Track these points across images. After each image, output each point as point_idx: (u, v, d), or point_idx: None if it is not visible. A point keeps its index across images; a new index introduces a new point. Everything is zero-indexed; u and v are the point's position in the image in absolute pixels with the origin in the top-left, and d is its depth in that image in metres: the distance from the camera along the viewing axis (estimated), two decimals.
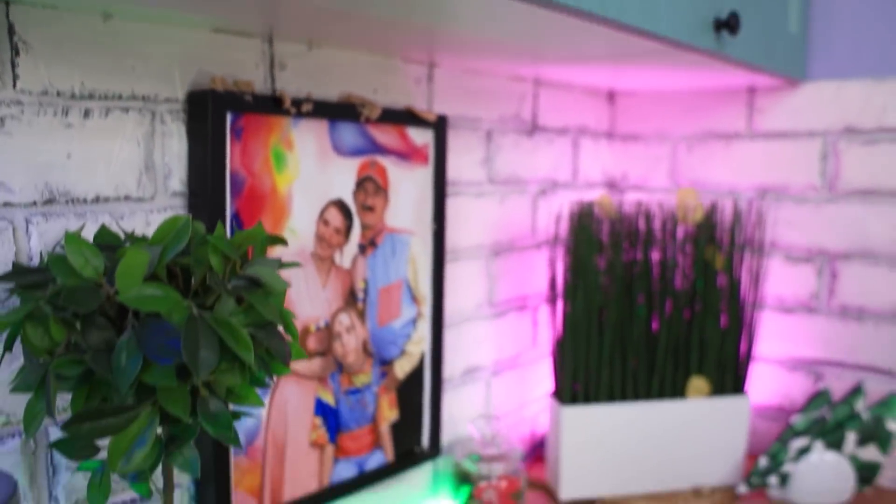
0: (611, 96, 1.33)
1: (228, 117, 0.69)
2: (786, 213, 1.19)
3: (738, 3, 0.87)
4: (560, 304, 1.04)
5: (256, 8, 0.59)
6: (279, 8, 0.58)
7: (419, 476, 1.00)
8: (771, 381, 1.23)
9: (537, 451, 1.25)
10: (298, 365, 0.79)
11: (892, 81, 1.09)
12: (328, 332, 0.82)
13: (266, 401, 0.76)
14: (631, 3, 0.66)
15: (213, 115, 0.67)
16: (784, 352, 1.21)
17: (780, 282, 1.21)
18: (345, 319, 0.84)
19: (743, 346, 1.10)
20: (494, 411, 1.14)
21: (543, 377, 1.25)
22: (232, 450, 0.73)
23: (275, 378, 0.76)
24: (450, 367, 1.04)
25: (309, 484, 0.83)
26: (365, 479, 0.89)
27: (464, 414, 1.08)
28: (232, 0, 0.56)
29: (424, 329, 0.96)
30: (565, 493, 1.06)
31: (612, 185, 1.35)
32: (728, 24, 0.80)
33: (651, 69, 0.96)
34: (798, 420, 1.12)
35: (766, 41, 0.97)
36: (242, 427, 0.74)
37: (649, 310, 1.04)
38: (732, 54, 0.87)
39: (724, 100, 1.23)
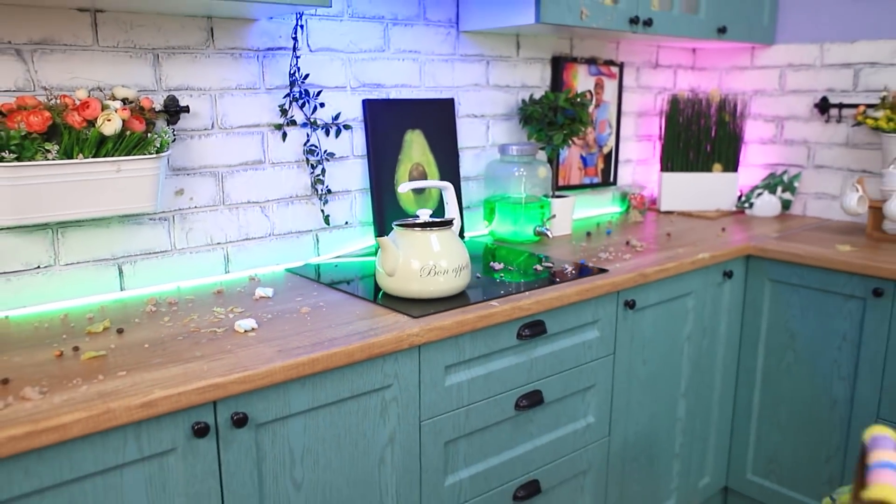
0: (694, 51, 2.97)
1: None
2: (762, 101, 2.81)
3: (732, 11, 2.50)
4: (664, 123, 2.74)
5: None
6: None
7: (608, 192, 2.75)
8: (752, 172, 2.88)
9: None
10: None
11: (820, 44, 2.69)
12: None
13: None
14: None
15: None
16: (760, 161, 2.85)
17: (757, 130, 2.84)
18: None
19: (738, 154, 2.76)
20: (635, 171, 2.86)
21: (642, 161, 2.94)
22: None
23: None
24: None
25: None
26: (586, 186, 2.64)
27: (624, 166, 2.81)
28: None
29: None
30: (664, 206, 2.78)
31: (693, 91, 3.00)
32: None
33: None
34: (759, 183, 2.78)
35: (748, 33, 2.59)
36: None
37: (698, 134, 2.72)
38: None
39: (733, 51, 2.85)
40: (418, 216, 1.63)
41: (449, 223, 1.60)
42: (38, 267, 1.55)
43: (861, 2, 2.51)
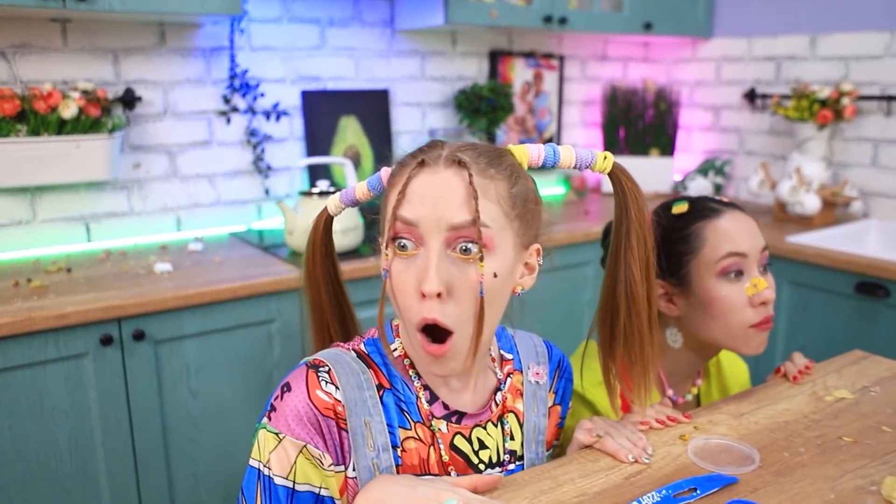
0: (646, 44, 3.20)
1: None
2: (702, 91, 3.02)
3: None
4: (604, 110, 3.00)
5: None
6: None
7: (552, 175, 3.03)
8: (694, 158, 3.10)
9: None
10: None
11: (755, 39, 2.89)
12: None
13: None
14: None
15: None
16: (701, 147, 3.07)
17: (697, 118, 3.06)
18: None
19: (673, 140, 2.99)
20: None
21: None
22: None
23: None
24: None
25: None
26: None
27: None
28: None
29: None
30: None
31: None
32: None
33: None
34: (695, 168, 3.00)
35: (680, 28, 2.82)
36: None
37: (636, 121, 2.97)
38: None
39: (678, 44, 3.07)
40: (317, 186, 1.98)
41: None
42: (20, 222, 1.98)
43: None
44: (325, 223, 0.96)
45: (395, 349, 0.90)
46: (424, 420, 0.87)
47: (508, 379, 0.95)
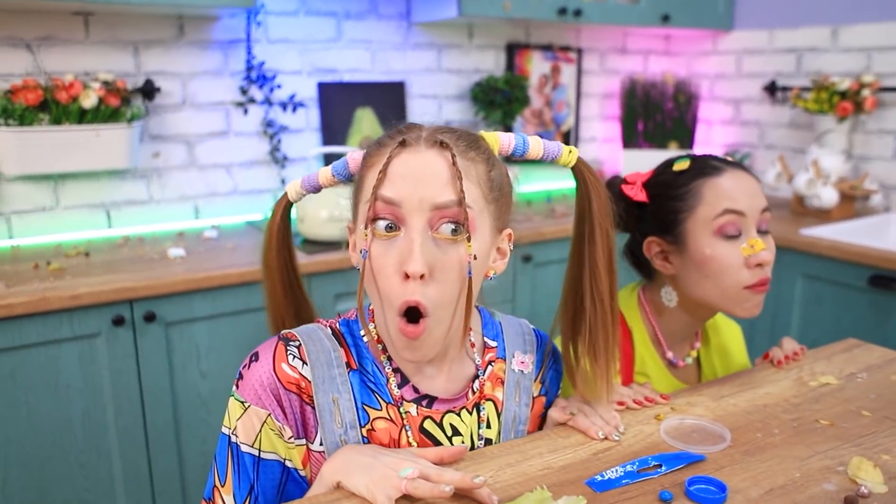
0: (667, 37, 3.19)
1: None
2: (723, 84, 3.00)
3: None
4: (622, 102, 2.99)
5: None
6: None
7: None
8: (713, 152, 3.07)
9: None
10: None
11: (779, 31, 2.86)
12: None
13: None
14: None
15: None
16: (721, 141, 3.04)
17: (718, 112, 3.03)
18: None
19: (692, 134, 2.97)
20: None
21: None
22: None
23: None
24: None
25: None
26: None
27: None
28: None
29: None
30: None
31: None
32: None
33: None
34: None
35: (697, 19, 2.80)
36: None
37: (654, 113, 2.95)
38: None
39: (699, 37, 3.04)
40: None
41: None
42: (44, 208, 2.05)
43: None
44: (283, 210, 0.95)
45: (368, 338, 0.90)
46: (395, 402, 0.87)
47: (489, 367, 0.95)
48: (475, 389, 0.92)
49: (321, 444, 0.84)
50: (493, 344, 0.97)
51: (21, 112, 1.87)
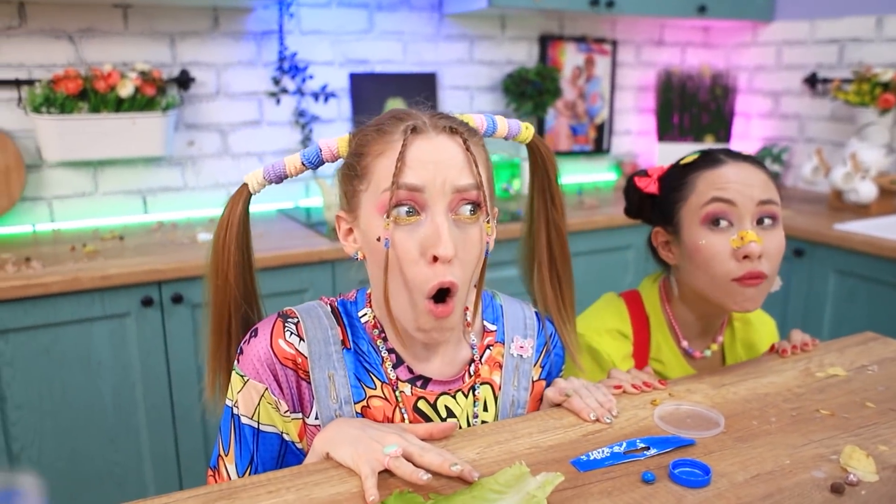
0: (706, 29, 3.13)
1: None
2: (762, 76, 2.93)
3: None
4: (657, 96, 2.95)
5: None
6: None
7: (604, 160, 3.01)
8: (751, 145, 3.01)
9: None
10: None
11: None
12: None
13: None
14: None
15: None
16: (760, 134, 2.98)
17: (756, 105, 2.97)
18: None
19: (729, 127, 2.92)
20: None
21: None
22: None
23: None
24: None
25: None
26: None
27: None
28: None
29: None
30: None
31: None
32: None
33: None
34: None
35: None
36: None
37: (692, 104, 2.91)
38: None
39: (738, 28, 2.98)
40: None
41: None
42: (84, 193, 2.13)
43: None
44: (244, 203, 0.90)
45: (364, 315, 0.92)
46: (390, 382, 0.89)
47: (487, 350, 0.96)
48: (472, 373, 0.93)
49: (317, 418, 0.87)
50: (493, 328, 0.98)
51: (62, 101, 1.95)
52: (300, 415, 0.87)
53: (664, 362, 1.15)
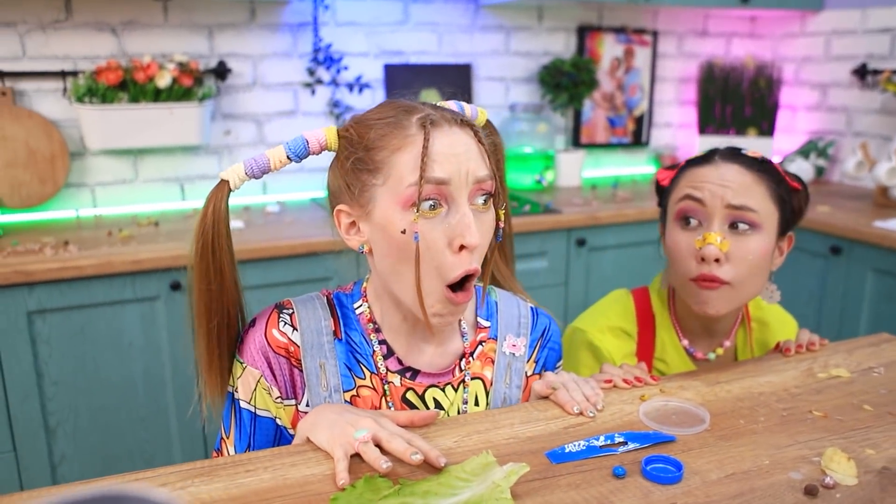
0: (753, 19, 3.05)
1: None
2: (809, 67, 2.84)
3: None
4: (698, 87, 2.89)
5: None
6: None
7: (643, 153, 2.96)
8: (797, 139, 2.92)
9: None
10: None
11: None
12: None
13: None
14: None
15: None
16: (805, 128, 2.89)
17: (803, 97, 2.88)
18: None
19: (773, 120, 2.84)
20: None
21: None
22: None
23: None
24: None
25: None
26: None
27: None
28: None
29: None
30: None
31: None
32: None
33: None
34: (796, 150, 2.83)
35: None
36: None
37: (735, 96, 2.84)
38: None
39: (786, 18, 2.89)
40: None
41: None
42: (125, 181, 2.22)
43: None
44: (225, 199, 0.88)
45: (360, 307, 0.94)
46: (379, 373, 0.92)
47: (480, 346, 0.97)
48: (462, 367, 0.95)
49: (308, 405, 0.90)
50: (486, 324, 0.99)
51: (103, 91, 2.03)
52: (293, 402, 0.90)
53: (668, 362, 1.14)
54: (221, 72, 2.23)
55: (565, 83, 2.55)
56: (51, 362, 1.71)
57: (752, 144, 2.83)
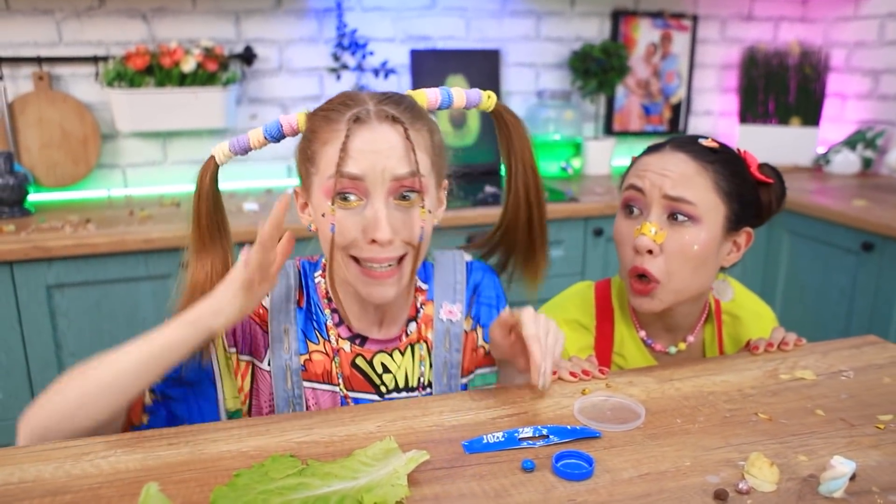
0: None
1: None
2: (861, 53, 2.69)
3: None
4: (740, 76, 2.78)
5: None
6: None
7: None
8: (845, 128, 2.78)
9: None
10: None
11: None
12: None
13: None
14: None
15: None
16: (854, 117, 2.75)
17: (853, 84, 2.73)
18: None
19: (819, 109, 2.70)
20: None
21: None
22: None
23: None
24: None
25: None
26: None
27: None
28: None
29: None
30: None
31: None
32: None
33: None
34: (843, 140, 2.69)
35: None
36: None
37: (779, 83, 2.72)
38: None
39: (844, 1, 2.74)
40: None
41: None
42: (154, 163, 2.30)
43: None
44: (212, 174, 0.95)
45: (318, 277, 1.01)
46: (332, 339, 0.97)
47: (421, 309, 1.02)
48: (409, 332, 1.00)
49: (269, 365, 0.96)
50: (424, 287, 1.04)
51: (131, 76, 2.10)
52: (248, 357, 0.95)
53: (627, 357, 1.11)
54: (248, 57, 2.28)
55: (595, 69, 2.50)
56: (69, 334, 1.79)
57: (795, 134, 2.71)
